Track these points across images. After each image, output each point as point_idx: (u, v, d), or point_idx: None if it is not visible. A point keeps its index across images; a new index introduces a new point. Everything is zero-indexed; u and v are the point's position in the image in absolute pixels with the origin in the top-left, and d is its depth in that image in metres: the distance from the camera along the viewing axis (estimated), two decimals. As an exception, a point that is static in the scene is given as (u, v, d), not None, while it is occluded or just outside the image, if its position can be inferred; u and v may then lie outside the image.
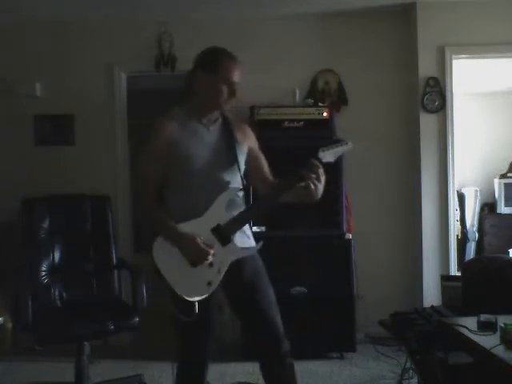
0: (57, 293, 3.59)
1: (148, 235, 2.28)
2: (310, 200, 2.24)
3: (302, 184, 2.21)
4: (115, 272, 3.79)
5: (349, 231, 4.03)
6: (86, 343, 3.23)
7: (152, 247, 2.23)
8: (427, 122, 4.25)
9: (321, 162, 2.23)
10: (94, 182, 4.26)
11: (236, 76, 2.27)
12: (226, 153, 2.31)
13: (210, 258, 2.18)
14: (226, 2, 4.11)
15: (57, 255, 3.69)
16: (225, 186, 2.27)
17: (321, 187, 2.23)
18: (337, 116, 4.17)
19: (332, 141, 2.33)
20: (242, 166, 2.36)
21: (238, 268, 2.26)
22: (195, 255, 2.18)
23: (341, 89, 4.43)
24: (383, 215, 4.45)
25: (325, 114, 4.03)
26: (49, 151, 4.44)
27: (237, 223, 2.25)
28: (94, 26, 4.42)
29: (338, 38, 4.43)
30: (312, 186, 2.20)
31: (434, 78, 4.22)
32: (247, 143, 2.41)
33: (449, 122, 4.24)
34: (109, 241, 3.84)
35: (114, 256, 3.82)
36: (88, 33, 4.44)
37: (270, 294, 2.35)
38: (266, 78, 4.24)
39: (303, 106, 4.13)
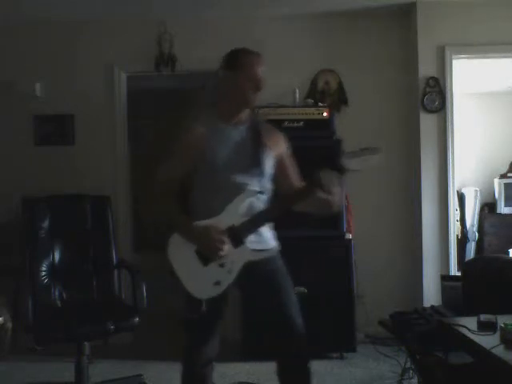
0: (57, 293, 3.59)
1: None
2: (325, 212, 2.26)
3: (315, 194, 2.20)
4: (115, 272, 3.79)
5: (349, 231, 4.03)
6: (86, 343, 3.24)
7: (167, 245, 2.25)
8: (427, 121, 4.24)
9: (344, 169, 2.20)
10: (94, 182, 4.26)
11: (259, 70, 2.29)
12: (251, 156, 2.30)
13: (225, 248, 2.18)
14: (225, 1, 4.11)
15: (57, 255, 3.69)
16: (244, 188, 2.26)
17: (335, 198, 2.21)
18: (337, 116, 4.17)
19: (363, 148, 2.22)
20: (267, 171, 2.35)
21: (253, 269, 2.25)
22: (207, 244, 2.18)
23: (341, 89, 4.43)
24: (383, 215, 4.45)
25: (325, 114, 4.02)
26: (49, 151, 4.44)
27: (250, 226, 2.25)
28: (94, 26, 4.42)
29: (338, 38, 4.43)
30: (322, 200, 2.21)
31: (434, 78, 4.22)
32: (276, 149, 2.40)
33: (449, 122, 4.24)
34: (109, 241, 3.83)
35: (114, 256, 3.81)
36: (88, 33, 4.44)
37: (291, 296, 2.33)
38: (266, 78, 4.22)
39: (303, 106, 4.12)
